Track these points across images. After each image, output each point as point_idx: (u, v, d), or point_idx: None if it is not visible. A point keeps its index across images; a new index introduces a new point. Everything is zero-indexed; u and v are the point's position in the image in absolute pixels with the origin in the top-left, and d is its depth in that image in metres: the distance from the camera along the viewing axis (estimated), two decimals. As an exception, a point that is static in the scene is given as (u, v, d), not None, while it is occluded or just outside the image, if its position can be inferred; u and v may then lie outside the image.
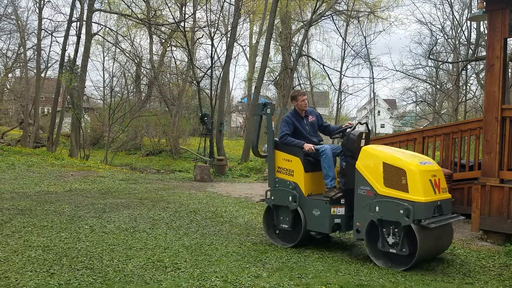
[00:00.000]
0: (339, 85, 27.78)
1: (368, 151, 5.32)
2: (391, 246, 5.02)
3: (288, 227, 5.79)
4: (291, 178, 5.78)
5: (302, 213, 5.63)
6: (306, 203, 5.65)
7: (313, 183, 5.80)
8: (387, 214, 4.98)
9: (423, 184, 4.91)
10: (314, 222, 5.58)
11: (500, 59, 6.28)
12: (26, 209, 7.47)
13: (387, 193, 5.01)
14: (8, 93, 34.03)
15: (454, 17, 24.73)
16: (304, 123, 5.99)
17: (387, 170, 5.06)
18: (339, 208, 5.51)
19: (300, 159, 5.71)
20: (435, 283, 4.54)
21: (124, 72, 27.31)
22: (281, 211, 5.88)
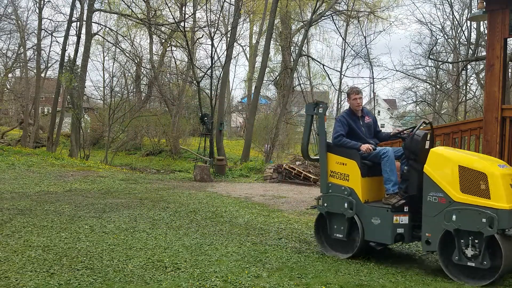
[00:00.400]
0: (339, 85, 27.81)
1: (439, 153, 4.83)
2: (469, 259, 4.53)
3: (343, 237, 5.36)
4: (346, 183, 5.34)
5: (360, 222, 5.19)
6: (364, 210, 5.19)
7: (371, 189, 5.36)
8: (466, 224, 4.49)
9: (505, 189, 4.45)
10: (373, 231, 5.13)
11: (500, 59, 6.28)
12: (26, 209, 7.47)
13: (465, 200, 4.53)
14: (8, 93, 34.04)
15: (454, 17, 24.75)
16: (360, 124, 5.57)
17: (464, 174, 4.57)
18: (402, 217, 5.00)
19: (356, 162, 5.27)
20: (435, 283, 4.54)
21: (124, 72, 27.32)
22: (335, 219, 5.44)
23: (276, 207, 8.73)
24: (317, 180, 12.99)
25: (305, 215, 8.06)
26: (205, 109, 21.88)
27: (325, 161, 5.53)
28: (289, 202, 9.40)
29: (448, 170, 4.68)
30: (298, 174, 13.40)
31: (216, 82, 17.80)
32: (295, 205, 9.09)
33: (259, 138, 24.95)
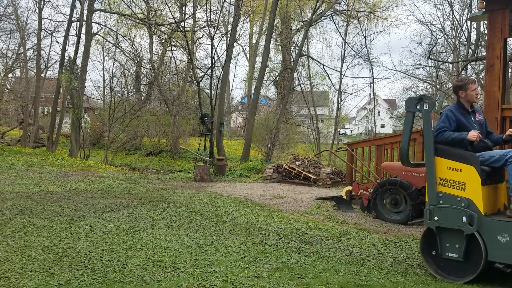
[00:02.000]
0: (339, 85, 27.79)
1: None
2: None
3: (458, 257, 4.55)
4: (462, 193, 4.52)
5: (481, 239, 4.40)
6: (487, 225, 4.39)
7: (494, 200, 4.69)
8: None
9: None
10: (501, 251, 4.32)
11: (500, 59, 6.29)
12: (26, 209, 7.47)
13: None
14: (8, 93, 34.07)
15: (454, 17, 24.77)
16: (471, 120, 4.79)
17: None
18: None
19: (475, 168, 4.46)
20: (435, 283, 4.54)
21: (124, 72, 27.34)
22: (448, 235, 4.63)
23: (276, 207, 8.73)
24: (317, 180, 12.99)
25: (305, 215, 8.06)
26: (205, 109, 21.88)
27: (432, 167, 4.69)
28: (289, 202, 9.39)
29: None
30: (298, 174, 13.40)
31: (216, 82, 17.80)
32: (295, 205, 9.09)
33: (259, 138, 24.95)
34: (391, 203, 7.70)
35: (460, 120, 4.71)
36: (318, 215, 8.10)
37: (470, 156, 4.51)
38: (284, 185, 12.70)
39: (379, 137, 10.66)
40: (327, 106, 42.21)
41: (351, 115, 54.65)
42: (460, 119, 4.72)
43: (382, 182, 7.80)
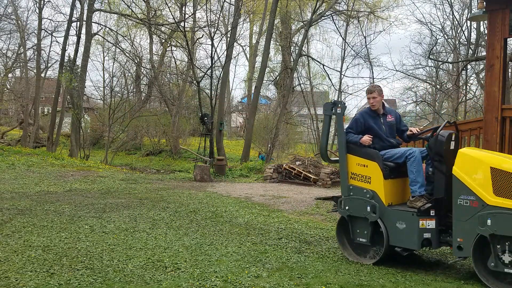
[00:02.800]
0: (339, 85, 27.78)
1: (468, 154, 4.63)
2: (507, 266, 4.29)
3: (367, 241, 5.16)
4: (368, 185, 5.12)
5: (384, 226, 4.99)
6: (388, 214, 4.98)
7: (396, 192, 5.19)
8: (503, 229, 4.24)
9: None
10: (398, 236, 4.91)
11: (500, 59, 6.28)
12: (26, 209, 7.47)
13: (500, 203, 4.28)
14: (8, 93, 34.05)
15: (454, 17, 24.75)
16: (380, 122, 5.36)
17: (497, 177, 4.35)
18: (429, 221, 4.79)
19: (378, 164, 5.06)
20: (435, 283, 4.54)
21: (124, 72, 27.32)
22: (358, 223, 5.23)
23: (276, 207, 8.73)
24: (317, 180, 12.99)
25: (305, 215, 8.06)
26: (205, 109, 21.88)
27: (345, 163, 5.32)
28: (289, 202, 9.40)
29: (480, 172, 4.46)
30: (298, 174, 13.40)
31: (216, 82, 17.80)
32: (295, 205, 9.09)
33: (259, 138, 24.94)
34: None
35: (368, 122, 5.27)
36: (318, 215, 8.10)
37: (374, 154, 5.12)
38: (284, 185, 12.70)
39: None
40: (327, 106, 42.18)
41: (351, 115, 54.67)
42: (368, 122, 5.28)
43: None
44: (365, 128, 5.29)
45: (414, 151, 5.02)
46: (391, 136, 5.38)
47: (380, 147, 5.23)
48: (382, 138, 5.27)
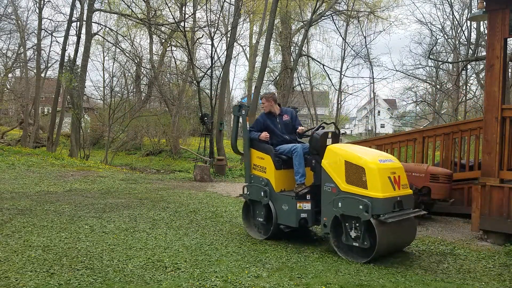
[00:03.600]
0: (339, 85, 27.82)
1: (332, 150, 5.56)
2: (353, 240, 5.25)
3: (263, 221, 6.18)
4: (264, 174, 6.13)
5: (274, 208, 5.98)
6: (276, 198, 5.99)
7: (286, 180, 6.10)
8: (348, 210, 5.22)
9: (381, 181, 5.12)
10: (283, 216, 5.91)
11: (500, 59, 6.28)
12: (26, 209, 7.47)
13: (348, 189, 5.24)
14: (8, 93, 34.06)
15: (454, 17, 24.77)
16: (276, 122, 6.32)
17: (349, 168, 5.28)
18: (305, 204, 5.77)
19: (271, 156, 6.03)
20: (435, 283, 4.54)
21: (124, 72, 27.33)
22: (257, 205, 6.26)
23: (276, 207, 8.72)
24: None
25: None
26: (205, 109, 21.87)
27: (248, 156, 6.32)
28: (289, 202, 9.39)
29: (338, 164, 5.37)
30: (298, 174, 13.39)
31: (216, 82, 17.79)
32: (295, 205, 9.08)
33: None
34: (391, 203, 7.69)
35: (266, 122, 6.27)
36: (318, 215, 8.09)
37: (268, 148, 6.10)
38: (284, 185, 12.69)
39: (379, 137, 10.66)
40: (327, 106, 42.23)
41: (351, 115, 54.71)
42: (266, 122, 6.28)
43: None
44: (264, 127, 6.25)
45: (297, 147, 5.96)
46: (286, 133, 6.31)
47: (277, 142, 6.18)
48: (277, 135, 6.23)
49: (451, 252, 5.73)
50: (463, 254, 5.65)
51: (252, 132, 6.29)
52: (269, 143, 6.16)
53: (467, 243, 6.27)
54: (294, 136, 6.40)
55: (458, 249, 5.86)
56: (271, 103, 6.34)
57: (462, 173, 8.13)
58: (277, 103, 6.43)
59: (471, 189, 7.06)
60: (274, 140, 6.21)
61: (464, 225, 7.47)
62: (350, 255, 5.28)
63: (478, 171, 7.50)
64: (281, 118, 6.36)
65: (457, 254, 5.66)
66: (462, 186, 7.92)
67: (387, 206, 5.11)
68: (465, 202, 7.88)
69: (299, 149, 5.92)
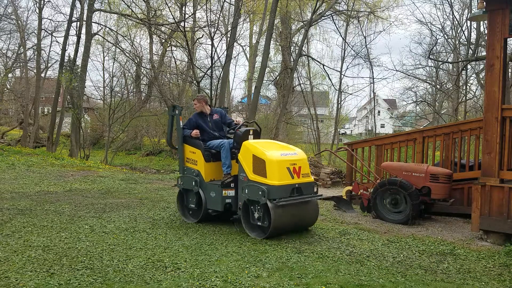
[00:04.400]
0: (339, 85, 27.78)
1: (245, 145, 6.40)
2: (257, 220, 6.18)
3: (195, 207, 7.00)
4: (195, 166, 6.97)
5: (203, 195, 6.83)
6: (206, 186, 6.84)
7: (215, 171, 6.95)
8: (252, 195, 6.14)
9: (279, 171, 6.05)
10: (211, 202, 6.77)
11: (500, 59, 6.28)
12: (26, 209, 7.47)
13: (254, 178, 6.17)
14: (8, 93, 34.07)
15: (454, 17, 24.76)
16: (207, 120, 7.19)
17: (255, 161, 6.19)
18: (229, 191, 6.63)
19: (201, 151, 6.89)
20: (435, 283, 4.54)
21: (124, 72, 27.34)
22: (189, 193, 7.11)
23: (276, 207, 8.72)
24: (317, 180, 12.98)
25: (305, 215, 8.05)
26: (205, 109, 21.82)
27: (182, 150, 7.15)
28: (289, 202, 9.38)
29: (248, 158, 6.28)
30: (298, 174, 13.39)
31: (216, 82, 17.79)
32: (295, 205, 9.08)
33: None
34: (391, 203, 7.70)
35: (197, 121, 7.11)
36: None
37: (199, 144, 6.93)
38: (284, 185, 12.68)
39: (379, 137, 10.65)
40: (327, 106, 42.20)
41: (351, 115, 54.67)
42: (198, 121, 7.11)
43: (382, 182, 7.80)
44: (196, 125, 7.08)
45: (225, 142, 6.81)
46: (217, 130, 7.21)
47: (207, 139, 7.04)
48: (207, 132, 7.09)
49: (451, 252, 5.73)
50: (463, 254, 5.65)
51: (185, 130, 7.08)
52: (200, 139, 6.98)
53: (467, 243, 6.27)
54: (223, 133, 7.28)
55: (458, 249, 5.86)
56: (202, 104, 7.21)
57: (462, 173, 8.13)
58: (208, 104, 7.34)
59: (471, 189, 7.06)
60: (205, 137, 7.05)
61: (464, 225, 7.47)
62: (255, 233, 6.18)
63: (478, 171, 7.50)
64: (211, 117, 7.23)
65: (457, 254, 5.66)
66: (462, 186, 7.92)
67: (283, 192, 6.04)
68: (465, 202, 7.88)
69: (226, 144, 6.77)
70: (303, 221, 6.50)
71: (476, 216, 6.35)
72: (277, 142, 7.04)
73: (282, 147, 6.71)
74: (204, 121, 7.15)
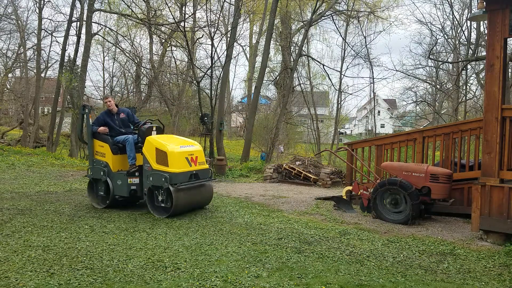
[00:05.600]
0: (339, 85, 27.78)
1: (148, 140, 7.52)
2: (161, 202, 7.34)
3: (103, 194, 7.95)
4: (104, 158, 7.97)
5: (111, 183, 7.82)
6: (113, 176, 7.84)
7: (122, 162, 8.00)
8: (156, 181, 7.27)
9: (178, 161, 7.29)
10: (118, 189, 7.78)
11: (500, 59, 6.27)
12: (26, 209, 7.47)
13: (157, 167, 7.31)
14: (8, 93, 34.05)
15: (454, 17, 24.78)
16: (114, 119, 8.18)
17: (157, 153, 7.33)
18: (134, 179, 7.71)
19: (108, 145, 7.91)
20: (435, 283, 4.54)
21: (124, 72, 27.33)
22: (98, 182, 8.02)
23: (276, 207, 8.73)
24: (317, 180, 13.00)
25: (305, 215, 8.06)
26: (205, 109, 21.87)
27: (91, 145, 8.11)
28: (289, 202, 9.39)
29: (151, 150, 7.41)
30: (298, 174, 13.40)
31: (216, 82, 17.79)
32: (295, 205, 9.09)
33: (259, 138, 24.94)
34: (391, 203, 7.70)
35: (105, 119, 8.12)
36: (318, 215, 8.10)
37: (107, 139, 7.98)
38: (284, 185, 12.70)
39: (379, 137, 10.65)
40: (327, 106, 42.22)
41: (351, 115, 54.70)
42: (105, 119, 8.12)
43: (382, 182, 7.80)
44: (104, 123, 8.08)
45: (129, 137, 7.86)
46: (123, 127, 8.21)
47: (115, 134, 8.04)
48: (114, 129, 8.10)
49: (451, 252, 5.73)
50: (463, 254, 5.66)
51: (94, 127, 8.07)
52: (108, 135, 8.00)
53: (467, 243, 6.27)
54: (130, 130, 8.27)
55: (458, 249, 5.87)
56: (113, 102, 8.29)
57: (462, 173, 8.12)
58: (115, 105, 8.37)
59: (471, 189, 7.05)
60: (112, 133, 8.06)
61: (464, 225, 7.47)
62: (159, 213, 7.31)
63: (478, 171, 7.50)
64: (118, 116, 8.24)
65: (457, 254, 5.66)
66: (462, 186, 7.92)
67: (183, 177, 7.29)
68: (465, 202, 7.88)
69: (131, 139, 7.84)
70: (200, 201, 7.89)
71: (476, 216, 6.35)
72: (177, 137, 8.31)
73: (181, 141, 7.93)
74: (111, 119, 8.15)
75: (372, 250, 5.71)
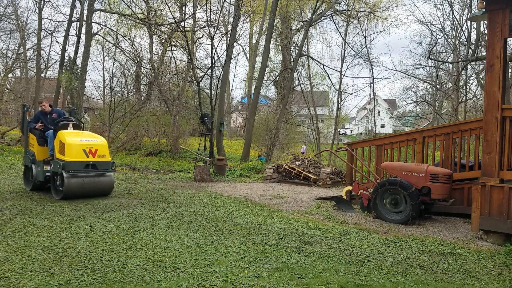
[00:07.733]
0: (339, 85, 27.77)
1: (58, 134, 8.96)
2: (59, 186, 8.60)
3: (30, 178, 9.53)
4: (33, 149, 9.56)
5: (34, 169, 9.35)
6: (37, 164, 9.34)
7: (47, 153, 9.33)
8: (55, 168, 8.63)
9: (75, 151, 8.57)
10: (38, 174, 9.28)
11: (500, 59, 6.28)
12: (26, 209, 7.47)
13: (58, 156, 8.73)
14: (8, 93, 34.02)
15: (454, 17, 24.77)
16: (47, 118, 9.80)
17: (60, 144, 8.75)
18: (48, 167, 9.05)
19: (36, 138, 9.50)
20: (435, 283, 4.54)
21: (124, 72, 27.28)
22: (28, 169, 9.71)
23: (276, 207, 8.73)
24: (317, 180, 13.00)
25: (305, 215, 8.06)
26: (205, 109, 21.87)
27: (27, 137, 9.74)
28: (289, 202, 9.40)
29: (57, 142, 8.86)
30: (298, 174, 13.40)
31: (216, 82, 17.79)
32: (295, 205, 9.09)
33: (259, 138, 24.94)
34: (391, 203, 7.70)
35: (40, 117, 9.77)
36: (318, 215, 8.10)
37: (35, 132, 9.54)
38: (284, 185, 12.70)
39: (379, 137, 10.65)
40: (327, 106, 42.23)
41: (351, 115, 54.73)
42: (40, 117, 9.78)
43: (382, 182, 7.80)
44: (39, 120, 9.67)
45: (49, 132, 9.31)
46: (53, 125, 9.50)
47: (46, 130, 9.50)
48: (46, 126, 9.61)
49: (451, 252, 5.73)
50: (463, 254, 5.66)
51: (31, 123, 9.71)
52: (43, 131, 9.47)
53: (467, 243, 6.27)
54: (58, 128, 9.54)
55: (458, 249, 5.87)
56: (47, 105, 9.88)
57: (462, 173, 8.13)
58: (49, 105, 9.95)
59: (471, 189, 7.06)
60: (45, 129, 9.55)
61: (464, 225, 7.47)
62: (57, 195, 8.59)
63: (478, 171, 7.51)
64: (50, 115, 9.81)
65: (457, 254, 5.66)
66: (462, 186, 7.92)
67: (77, 166, 8.53)
68: (465, 202, 7.88)
69: (51, 133, 9.25)
70: (97, 190, 8.83)
71: (476, 216, 6.35)
72: (87, 133, 9.67)
73: (86, 135, 9.26)
74: (44, 118, 9.79)
75: (372, 250, 5.71)
